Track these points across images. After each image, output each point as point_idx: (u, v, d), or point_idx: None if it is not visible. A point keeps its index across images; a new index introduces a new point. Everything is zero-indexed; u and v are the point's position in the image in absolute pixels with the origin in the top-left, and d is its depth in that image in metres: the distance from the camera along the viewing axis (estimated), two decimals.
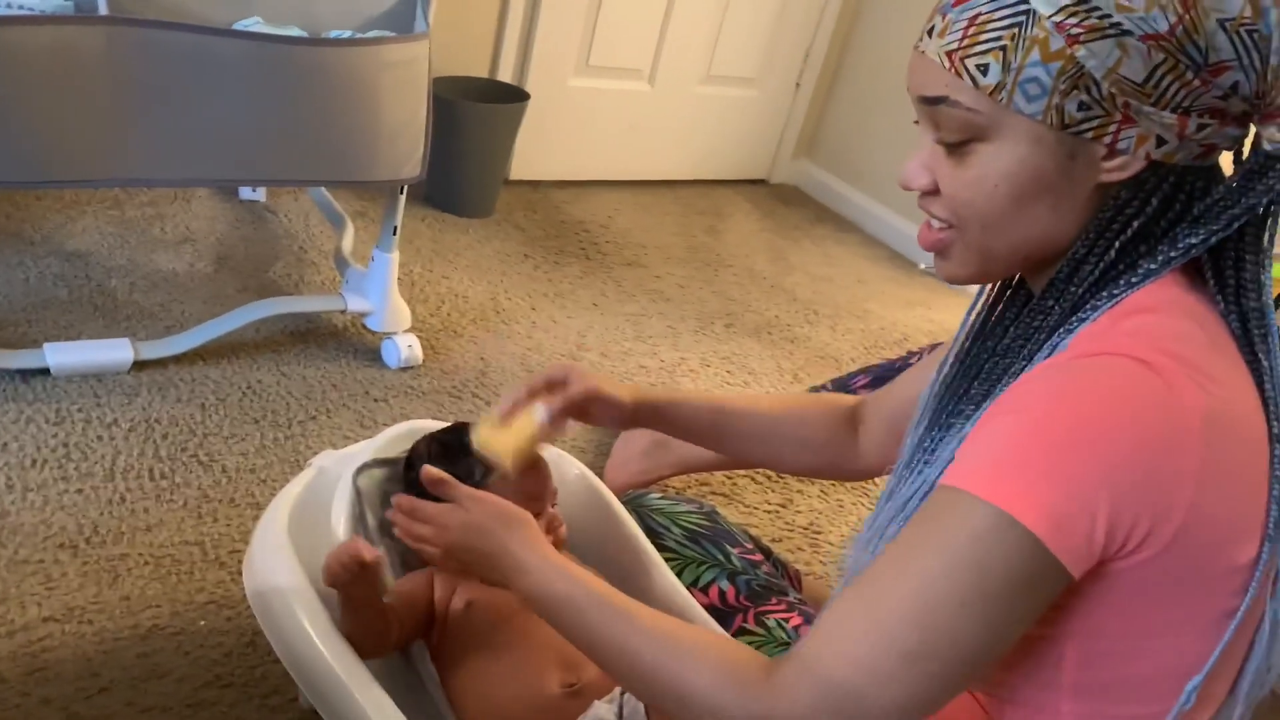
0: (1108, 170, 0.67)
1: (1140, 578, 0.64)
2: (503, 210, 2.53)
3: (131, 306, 1.78)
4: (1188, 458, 0.62)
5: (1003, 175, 0.68)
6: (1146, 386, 0.63)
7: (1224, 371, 0.66)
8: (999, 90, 0.66)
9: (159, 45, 1.34)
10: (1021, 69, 0.65)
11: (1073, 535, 0.61)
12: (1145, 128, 0.65)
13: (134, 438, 1.47)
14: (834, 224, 3.05)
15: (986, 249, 0.73)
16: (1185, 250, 0.68)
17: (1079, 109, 0.65)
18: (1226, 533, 0.65)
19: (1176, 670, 0.69)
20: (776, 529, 1.65)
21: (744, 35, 2.89)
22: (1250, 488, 0.66)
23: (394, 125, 1.55)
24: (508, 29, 2.50)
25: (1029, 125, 0.66)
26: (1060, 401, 0.64)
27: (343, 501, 1.07)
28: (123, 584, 1.24)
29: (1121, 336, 0.66)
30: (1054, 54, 0.64)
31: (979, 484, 0.64)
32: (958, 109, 0.68)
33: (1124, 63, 0.63)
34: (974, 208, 0.71)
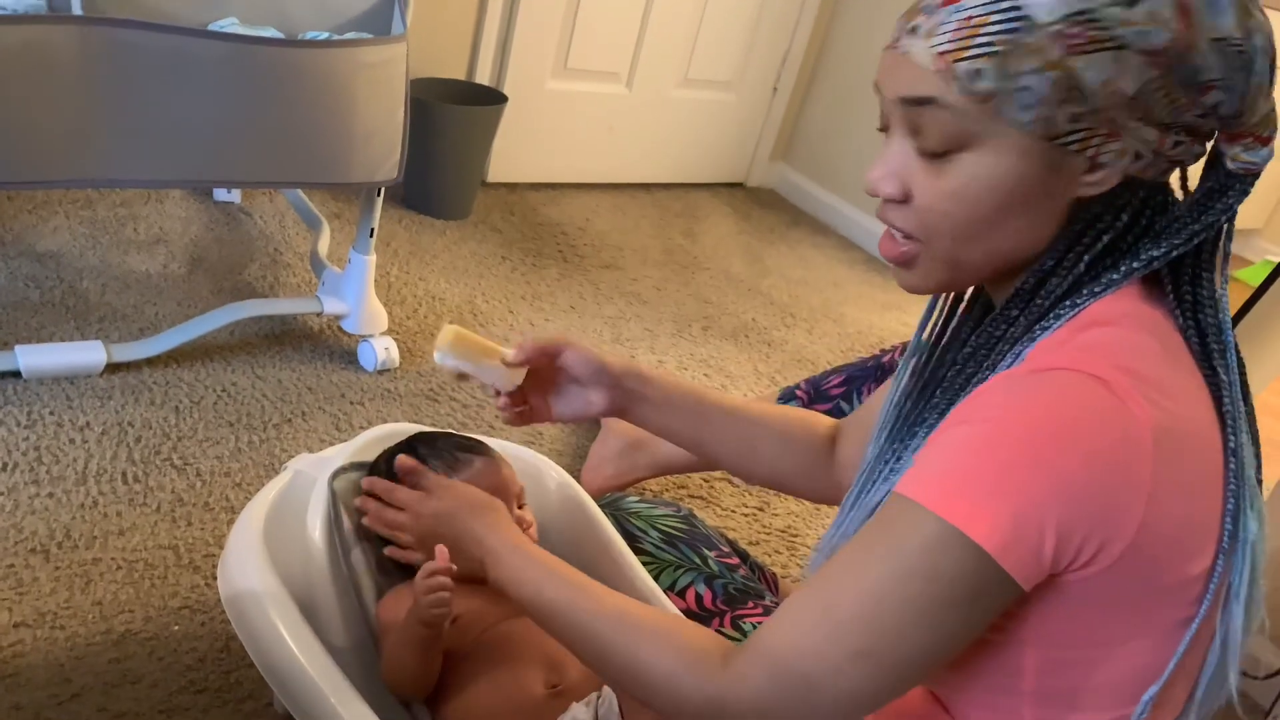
0: (1086, 184, 0.67)
1: (1094, 589, 0.65)
2: (480, 212, 2.53)
3: (104, 308, 1.76)
4: (1139, 474, 0.63)
5: (986, 186, 0.67)
6: (1099, 402, 0.63)
7: (1179, 385, 0.67)
8: (990, 97, 0.64)
9: (133, 46, 1.33)
10: (1017, 76, 0.63)
11: (1021, 550, 0.62)
12: (1127, 143, 0.65)
13: (107, 441, 1.46)
14: (810, 227, 3.06)
15: (956, 261, 0.72)
16: (1147, 263, 0.69)
17: (1069, 120, 0.64)
18: (1179, 546, 0.66)
19: (1135, 678, 0.70)
20: (754, 532, 1.65)
21: (721, 39, 2.91)
22: (1202, 501, 0.67)
23: (370, 127, 1.54)
24: (485, 31, 2.50)
25: (1017, 135, 0.65)
26: (1013, 416, 0.64)
27: (318, 505, 1.07)
28: (95, 589, 1.23)
29: (1077, 351, 0.66)
30: (1051, 63, 0.62)
31: (929, 496, 0.64)
32: (945, 112, 0.65)
33: (1119, 77, 0.62)
34: (951, 219, 0.69)
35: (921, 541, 0.64)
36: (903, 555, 0.64)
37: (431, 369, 1.84)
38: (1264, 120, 0.66)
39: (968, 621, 0.65)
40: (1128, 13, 0.61)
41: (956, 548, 0.62)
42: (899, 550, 0.65)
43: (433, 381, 1.80)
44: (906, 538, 0.65)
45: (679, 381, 1.03)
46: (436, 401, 1.75)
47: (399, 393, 1.75)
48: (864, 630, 0.65)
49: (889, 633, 0.65)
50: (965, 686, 0.75)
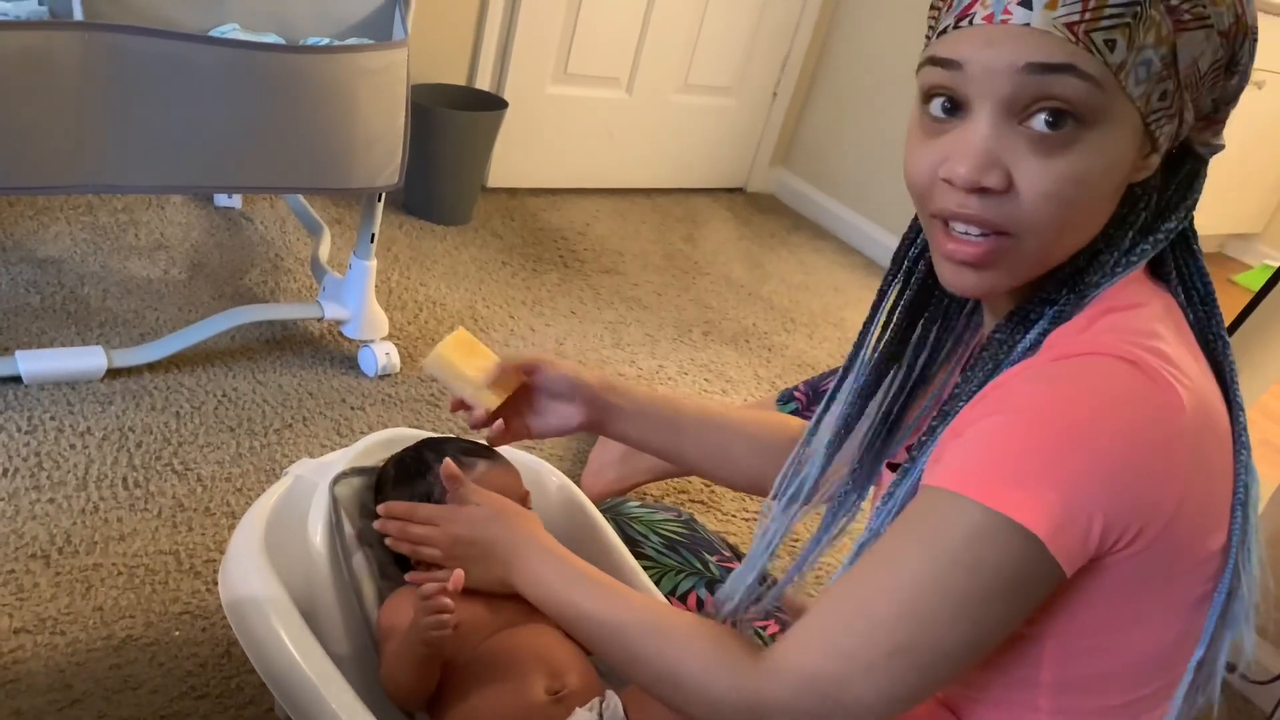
0: (1142, 166, 0.68)
1: (1125, 570, 0.66)
2: (480, 218, 2.53)
3: (105, 314, 1.76)
4: (1179, 453, 0.63)
5: (1105, 166, 0.64)
6: (1136, 386, 0.63)
7: (1192, 365, 0.68)
8: (1121, 69, 0.62)
9: (134, 51, 1.33)
10: (1142, 49, 0.62)
11: (1070, 534, 0.62)
12: (1177, 124, 0.67)
13: (107, 446, 1.46)
14: (810, 232, 3.07)
15: (1047, 255, 0.68)
16: (1142, 254, 0.70)
17: (1160, 98, 0.64)
18: (1200, 524, 0.67)
19: (1149, 660, 0.71)
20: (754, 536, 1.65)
21: (721, 44, 2.91)
22: (1219, 478, 0.68)
23: (371, 133, 1.54)
24: (485, 37, 2.50)
25: (1131, 111, 0.64)
26: (1052, 402, 0.64)
27: (320, 510, 1.07)
28: (96, 594, 1.22)
29: (1102, 335, 0.66)
30: (1164, 37, 0.62)
31: (971, 486, 0.64)
32: (1084, 82, 0.61)
33: (1204, 55, 0.65)
34: (1066, 207, 0.64)
35: (965, 532, 0.63)
36: (944, 548, 0.64)
37: (432, 374, 1.84)
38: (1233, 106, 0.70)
39: (1009, 611, 0.65)
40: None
41: (1004, 536, 0.62)
42: (939, 543, 0.64)
43: (434, 387, 1.80)
44: (947, 530, 0.64)
45: (653, 393, 1.05)
46: (438, 407, 1.75)
47: (400, 398, 1.75)
48: (903, 626, 0.64)
49: (930, 627, 0.64)
50: (979, 681, 0.75)
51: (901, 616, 0.64)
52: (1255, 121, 3.50)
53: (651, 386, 1.06)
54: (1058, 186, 0.64)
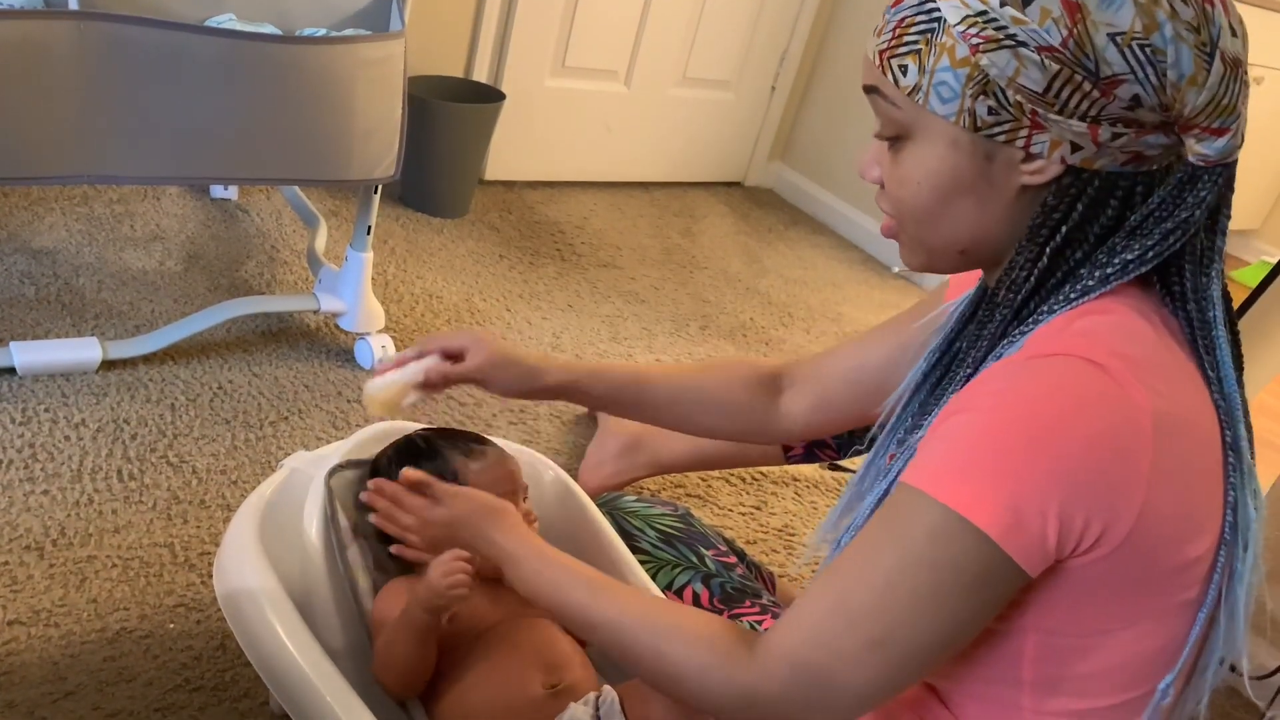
0: (1027, 173, 0.69)
1: (1095, 575, 0.66)
2: (477, 210, 2.52)
3: (100, 305, 1.76)
4: (1139, 459, 0.63)
5: (925, 173, 0.72)
6: (1098, 387, 0.64)
7: (1174, 372, 0.68)
8: (916, 91, 0.69)
9: (130, 41, 1.33)
10: (934, 72, 0.68)
11: (1024, 534, 0.63)
12: (1057, 134, 0.67)
13: (102, 438, 1.46)
14: (808, 227, 3.06)
15: (924, 242, 0.76)
16: (1122, 266, 0.69)
17: (989, 113, 0.67)
18: (1176, 530, 0.67)
19: (1132, 664, 0.71)
20: (751, 531, 1.65)
21: (720, 38, 2.90)
22: (1199, 486, 0.68)
23: (368, 124, 1.54)
24: (483, 29, 2.49)
25: (946, 126, 0.69)
26: (1012, 401, 0.65)
27: (315, 503, 1.07)
28: (90, 587, 1.22)
29: (1073, 337, 0.67)
30: (960, 60, 0.67)
31: (932, 484, 0.66)
32: (885, 102, 0.72)
33: (1022, 72, 0.65)
34: (905, 204, 0.74)
35: (926, 529, 0.65)
36: (909, 544, 0.66)
37: None
38: (1209, 111, 0.65)
39: (977, 608, 0.66)
40: (1020, 13, 0.65)
41: (961, 534, 0.64)
42: (905, 539, 0.66)
43: None
44: (912, 526, 0.66)
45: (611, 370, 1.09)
46: (434, 399, 1.75)
47: None
48: (876, 620, 0.66)
49: (901, 621, 0.66)
50: (964, 677, 0.76)
51: (875, 610, 0.66)
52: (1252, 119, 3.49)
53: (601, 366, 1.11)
54: (895, 185, 0.75)
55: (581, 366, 1.09)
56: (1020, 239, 0.71)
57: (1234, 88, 0.66)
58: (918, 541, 0.65)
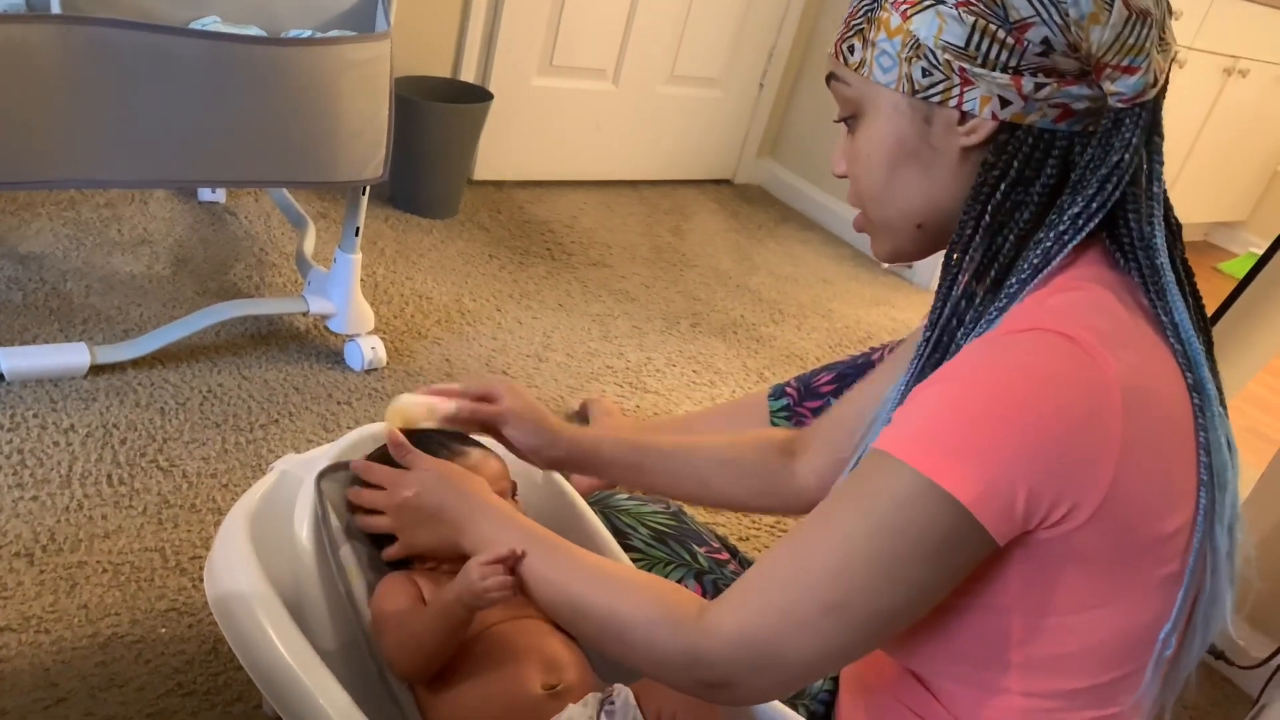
0: (964, 134, 0.73)
1: (1070, 549, 0.67)
2: (467, 211, 2.52)
3: (88, 310, 1.75)
4: (1109, 428, 0.64)
5: (874, 143, 0.76)
6: (1069, 359, 0.65)
7: (1144, 344, 0.69)
8: (862, 66, 0.75)
9: (114, 44, 1.32)
10: (875, 44, 0.74)
11: (994, 501, 0.64)
12: (985, 89, 0.71)
13: (91, 443, 1.45)
14: (798, 223, 3.07)
15: (885, 221, 0.79)
16: (1072, 222, 0.71)
17: (923, 75, 0.72)
18: (1153, 501, 0.67)
19: (1118, 642, 0.71)
20: (743, 527, 1.65)
21: (707, 35, 2.90)
22: (1172, 459, 0.69)
23: (355, 125, 1.53)
24: (470, 28, 2.49)
25: (888, 95, 0.74)
26: (986, 372, 0.67)
27: (306, 505, 1.06)
28: (80, 592, 1.22)
29: (1046, 313, 0.69)
30: (895, 29, 0.73)
31: (904, 449, 0.66)
32: (839, 84, 0.78)
33: (945, 29, 0.70)
34: (861, 181, 0.79)
35: (894, 494, 0.65)
36: (875, 507, 0.66)
37: (419, 368, 1.83)
38: (1116, 49, 0.69)
39: (938, 573, 0.66)
40: None
41: (930, 499, 0.64)
42: (872, 503, 0.67)
43: (420, 380, 1.80)
44: (880, 490, 0.66)
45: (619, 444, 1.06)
46: None
47: (386, 392, 1.74)
48: (834, 584, 0.66)
49: (859, 585, 0.66)
50: (948, 660, 0.76)
51: (833, 573, 0.66)
52: (1240, 110, 3.51)
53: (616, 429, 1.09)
54: (853, 166, 0.79)
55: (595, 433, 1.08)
56: (966, 203, 0.74)
57: (1141, 32, 0.69)
58: (884, 505, 0.66)
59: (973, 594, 0.71)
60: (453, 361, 1.88)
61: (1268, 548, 1.54)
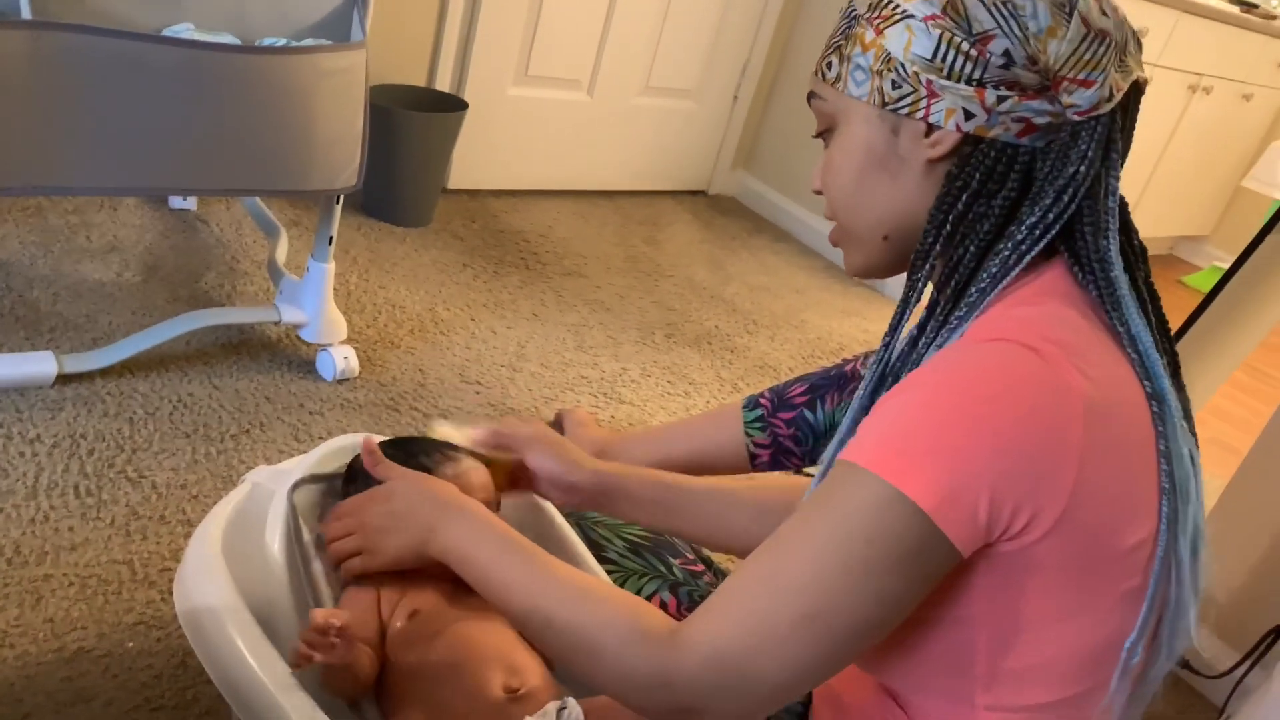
0: (929, 145, 0.76)
1: (1033, 561, 0.67)
2: (441, 219, 2.51)
3: (55, 318, 1.73)
4: (1070, 439, 0.65)
5: (846, 154, 0.80)
6: (1031, 369, 0.66)
7: (1106, 358, 0.70)
8: (839, 81, 0.79)
9: (85, 50, 1.31)
10: (851, 59, 0.78)
11: (957, 509, 0.64)
12: (950, 101, 0.74)
13: (58, 454, 1.43)
14: (772, 234, 3.08)
15: (855, 233, 0.83)
16: (1029, 232, 0.73)
17: (893, 87, 0.76)
18: (1114, 515, 0.68)
19: (1083, 655, 0.72)
20: None
21: (682, 48, 2.92)
22: (1134, 472, 0.69)
23: (330, 134, 1.53)
24: (445, 38, 2.49)
25: (861, 107, 0.78)
26: (948, 381, 0.68)
27: (277, 518, 1.05)
28: (46, 606, 1.20)
29: (1009, 323, 0.70)
30: (869, 44, 0.77)
31: (868, 457, 0.67)
32: (818, 101, 0.82)
33: (914, 42, 0.74)
34: (833, 191, 0.82)
35: (861, 502, 0.66)
36: (844, 517, 0.66)
37: (392, 378, 1.82)
38: (1072, 63, 0.72)
39: (908, 583, 0.66)
40: None
41: (895, 507, 0.65)
42: (840, 513, 0.67)
43: (393, 390, 1.79)
44: (847, 500, 0.67)
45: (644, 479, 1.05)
46: (397, 411, 1.74)
47: (359, 402, 1.73)
48: (806, 596, 0.66)
49: (832, 596, 0.66)
50: (917, 673, 0.76)
51: (805, 586, 0.66)
52: (1204, 126, 3.58)
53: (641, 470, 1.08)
54: (825, 175, 0.83)
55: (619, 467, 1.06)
56: (930, 214, 0.76)
57: (1099, 50, 0.72)
58: (851, 515, 0.66)
59: (939, 607, 0.71)
60: (426, 371, 1.87)
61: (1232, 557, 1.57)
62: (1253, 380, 2.98)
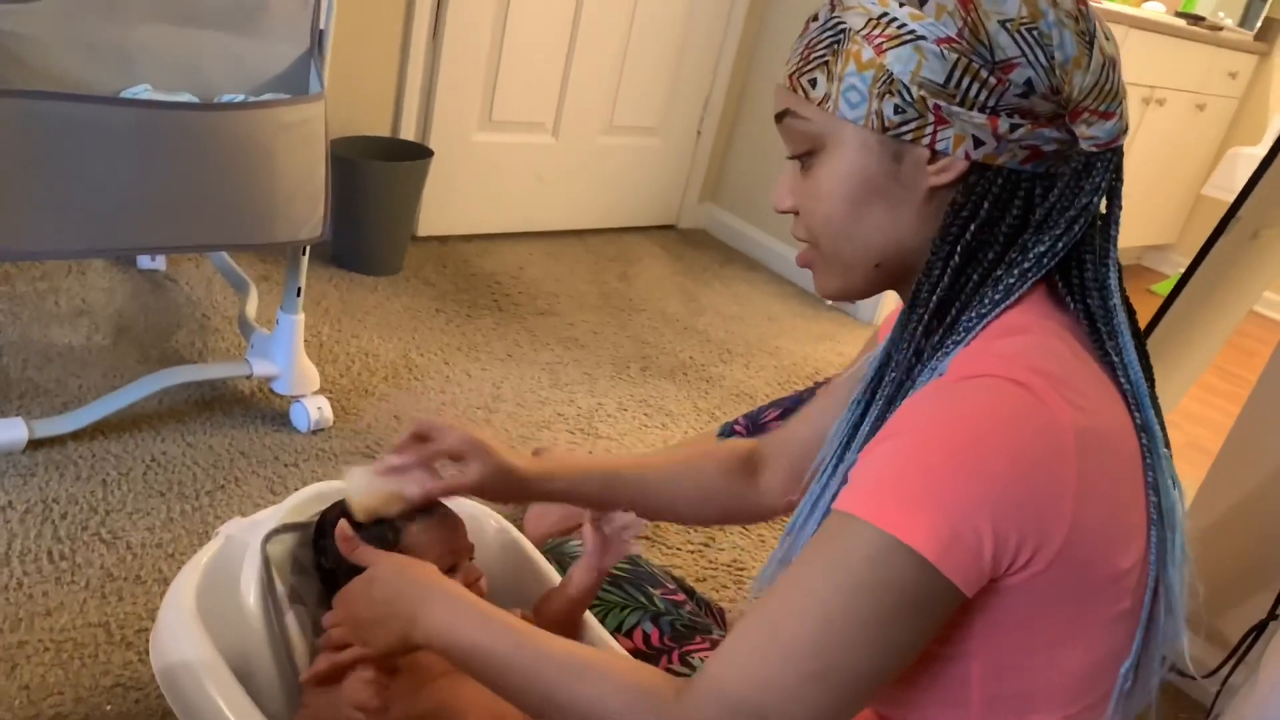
0: (933, 173, 0.72)
1: (1031, 592, 0.66)
2: (411, 267, 2.52)
3: (24, 384, 1.72)
4: (1065, 473, 0.64)
5: (838, 180, 0.74)
6: (1022, 406, 0.65)
7: (1091, 386, 0.70)
8: (826, 100, 0.73)
9: (45, 116, 1.32)
10: (842, 78, 0.72)
11: (960, 554, 0.63)
12: (960, 128, 0.70)
13: (30, 519, 1.42)
14: (742, 264, 3.11)
15: (840, 259, 0.77)
16: (1037, 260, 0.71)
17: (895, 112, 0.70)
18: (1106, 542, 0.68)
19: (1076, 678, 0.72)
20: (700, 568, 1.65)
21: (643, 85, 2.96)
22: (1123, 498, 0.69)
23: (291, 186, 1.54)
24: (408, 87, 2.51)
25: (855, 131, 0.72)
26: (938, 424, 0.66)
27: (252, 569, 1.05)
28: (21, 673, 1.18)
29: (993, 359, 0.68)
30: (867, 63, 0.71)
31: (866, 508, 0.65)
32: (797, 120, 0.75)
33: (924, 65, 0.69)
34: (818, 216, 0.76)
35: (863, 555, 0.64)
36: (846, 570, 0.65)
37: (367, 426, 1.82)
38: (1095, 94, 0.70)
39: (916, 631, 0.65)
40: (918, 9, 0.70)
41: (897, 557, 0.63)
42: (841, 565, 0.65)
43: (368, 439, 1.78)
44: (848, 552, 0.65)
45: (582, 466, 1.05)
46: (373, 458, 1.72)
47: (334, 452, 1.72)
48: (814, 651, 0.64)
49: (839, 651, 0.64)
50: (913, 702, 0.76)
51: (812, 642, 0.65)
52: (1161, 137, 3.64)
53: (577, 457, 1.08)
54: (808, 200, 0.77)
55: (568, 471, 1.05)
56: (933, 244, 0.73)
57: (1114, 78, 0.71)
58: (853, 568, 0.64)
59: (934, 643, 0.70)
60: (401, 417, 1.87)
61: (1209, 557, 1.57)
62: (1224, 383, 3.01)
